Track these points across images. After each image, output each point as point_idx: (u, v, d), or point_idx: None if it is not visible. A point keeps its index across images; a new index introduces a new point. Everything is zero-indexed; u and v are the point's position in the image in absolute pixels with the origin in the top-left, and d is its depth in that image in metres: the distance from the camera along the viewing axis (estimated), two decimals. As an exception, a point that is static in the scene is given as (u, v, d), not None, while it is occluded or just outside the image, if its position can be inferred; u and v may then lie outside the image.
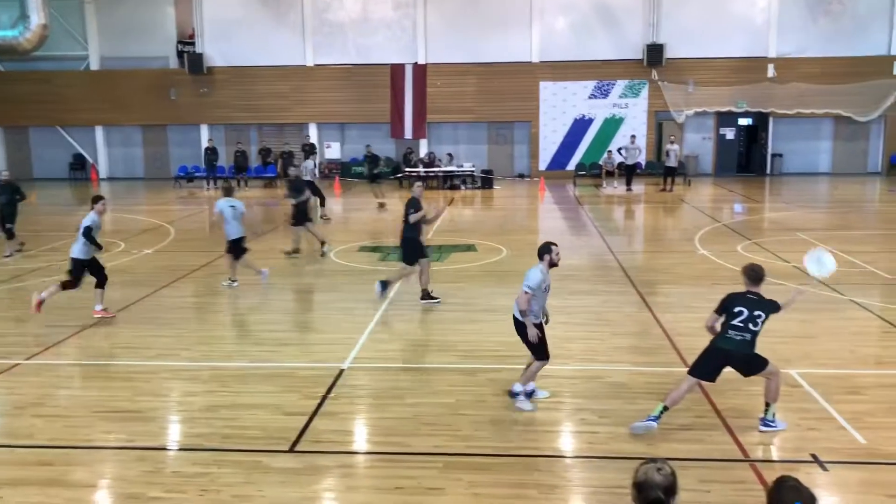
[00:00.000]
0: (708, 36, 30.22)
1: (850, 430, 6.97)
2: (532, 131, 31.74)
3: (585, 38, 30.83)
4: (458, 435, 7.05)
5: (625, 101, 31.11)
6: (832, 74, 29.66)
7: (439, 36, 31.33)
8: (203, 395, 8.15)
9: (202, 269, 14.47)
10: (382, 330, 10.43)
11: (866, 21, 29.93)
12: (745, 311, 7.07)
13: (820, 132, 31.19)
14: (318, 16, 31.64)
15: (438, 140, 32.22)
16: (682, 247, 16.19)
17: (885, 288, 12.40)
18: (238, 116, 32.44)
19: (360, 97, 31.65)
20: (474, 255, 15.62)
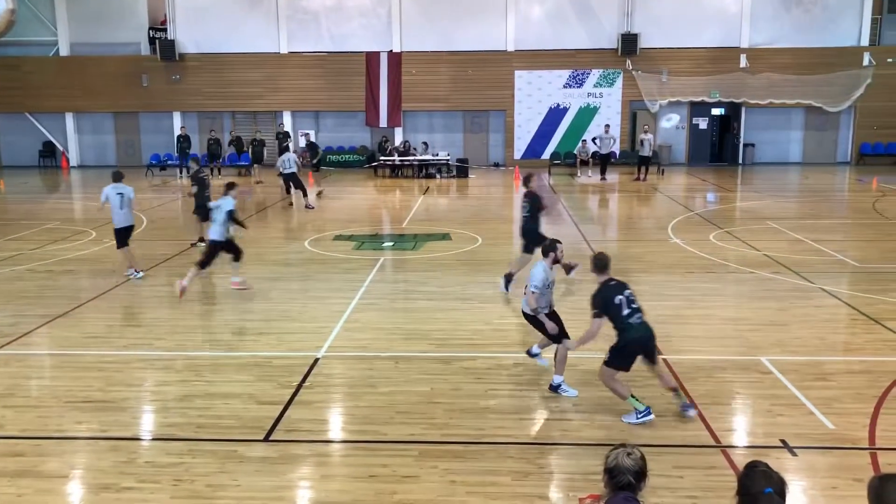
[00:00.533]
0: (681, 26, 30.39)
1: (818, 416, 7.09)
2: (507, 120, 31.76)
3: (560, 28, 30.87)
4: (433, 423, 7.08)
5: (599, 90, 31.22)
6: (803, 65, 29.99)
7: (414, 24, 31.20)
8: (177, 384, 8.09)
9: (175, 258, 14.34)
10: (357, 319, 10.42)
11: (837, 12, 30.27)
12: (622, 296, 7.18)
13: (791, 122, 31.56)
14: (291, 3, 31.34)
15: (414, 128, 32.15)
16: (655, 235, 16.33)
17: (854, 276, 12.61)
18: (211, 104, 32.09)
19: (335, 85, 31.46)
20: (449, 243, 15.63)
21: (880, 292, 11.37)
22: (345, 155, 32.00)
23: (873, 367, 8.39)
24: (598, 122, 30.93)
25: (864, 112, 30.75)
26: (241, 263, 12.09)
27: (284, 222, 19.39)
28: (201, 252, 12.57)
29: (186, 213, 17.50)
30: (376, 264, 13.68)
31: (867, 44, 30.31)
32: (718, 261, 13.64)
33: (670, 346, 9.02)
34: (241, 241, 12.35)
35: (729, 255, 14.03)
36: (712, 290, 11.85)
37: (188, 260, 14.15)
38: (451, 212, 20.83)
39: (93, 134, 33.18)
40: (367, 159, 31.24)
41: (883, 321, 9.96)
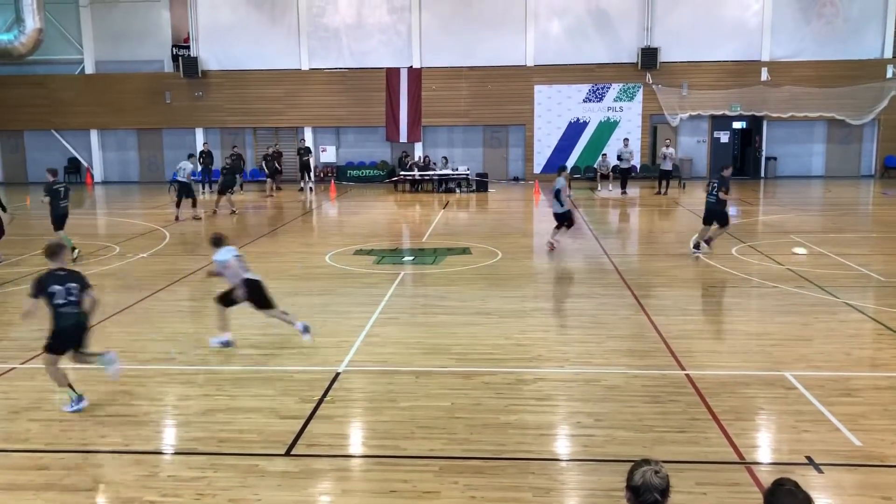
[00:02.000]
0: (701, 39, 30.35)
1: (845, 433, 6.99)
2: (526, 134, 31.79)
3: (580, 42, 30.92)
4: (454, 438, 7.05)
5: (619, 104, 31.19)
6: (826, 78, 29.80)
7: (434, 40, 31.39)
8: (199, 398, 8.14)
9: (198, 272, 14.45)
10: (377, 333, 10.43)
11: (859, 24, 30.08)
12: (62, 287, 7.69)
13: (813, 135, 31.32)
14: (312, 20, 31.67)
15: (434, 143, 32.27)
16: (676, 250, 16.23)
17: (879, 290, 12.45)
18: (233, 120, 32.45)
19: (356, 101, 31.70)
20: (469, 257, 15.63)
21: (907, 307, 11.21)
22: (365, 170, 32.19)
23: (900, 382, 8.26)
24: (617, 136, 30.91)
25: (888, 125, 30.46)
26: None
27: (305, 236, 19.50)
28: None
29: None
30: (396, 279, 13.70)
31: (891, 56, 30.07)
32: (741, 275, 13.53)
33: (693, 361, 8.95)
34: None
35: (751, 270, 13.91)
36: (735, 305, 11.74)
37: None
38: (471, 226, 20.84)
39: (117, 150, 33.64)
40: (387, 174, 31.37)
41: (910, 336, 9.81)
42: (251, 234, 19.22)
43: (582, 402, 7.91)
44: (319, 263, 15.29)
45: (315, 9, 31.66)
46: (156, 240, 18.22)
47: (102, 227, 21.79)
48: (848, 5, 30.02)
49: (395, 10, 31.50)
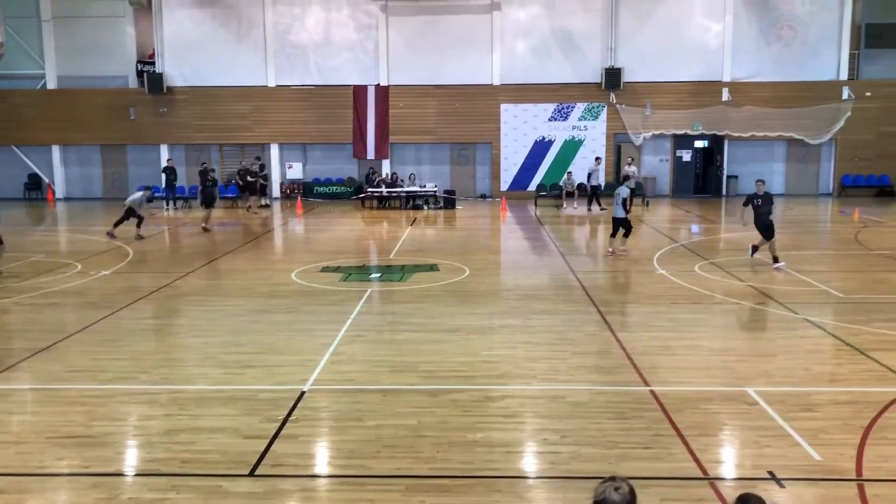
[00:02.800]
0: (664, 60, 30.89)
1: (805, 447, 7.09)
2: (493, 152, 32.00)
3: (545, 62, 31.29)
4: (420, 457, 7.03)
5: (584, 123, 31.57)
6: (784, 98, 30.49)
7: (401, 58, 31.54)
8: (161, 418, 8.01)
9: (161, 290, 14.27)
10: (344, 351, 10.37)
11: (816, 47, 30.87)
12: None
13: (773, 155, 31.96)
14: (279, 37, 31.65)
15: (401, 160, 32.33)
16: (641, 266, 16.41)
17: (838, 306, 12.70)
18: (199, 136, 32.21)
19: (323, 118, 31.69)
20: (436, 274, 15.65)
21: (864, 323, 11.45)
22: (332, 186, 32.12)
23: (859, 397, 8.42)
24: (583, 155, 31.30)
25: (844, 144, 31.22)
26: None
27: (271, 254, 19.37)
28: None
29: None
30: (363, 296, 13.65)
31: (846, 78, 30.88)
32: (704, 291, 13.71)
33: (657, 377, 9.03)
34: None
35: (714, 286, 14.11)
36: (698, 321, 11.89)
37: (175, 291, 14.10)
38: (439, 243, 20.87)
39: (79, 166, 33.16)
40: (354, 191, 31.34)
41: (867, 351, 10.01)
42: (217, 251, 19.03)
43: (548, 418, 7.93)
44: (285, 281, 15.18)
45: (282, 26, 31.64)
46: (119, 257, 17.96)
47: (64, 243, 21.42)
48: (805, 29, 30.82)
49: (363, 28, 31.61)
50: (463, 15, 31.29)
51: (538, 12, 31.23)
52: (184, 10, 31.71)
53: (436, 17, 31.35)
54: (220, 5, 31.65)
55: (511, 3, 31.12)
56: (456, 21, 31.32)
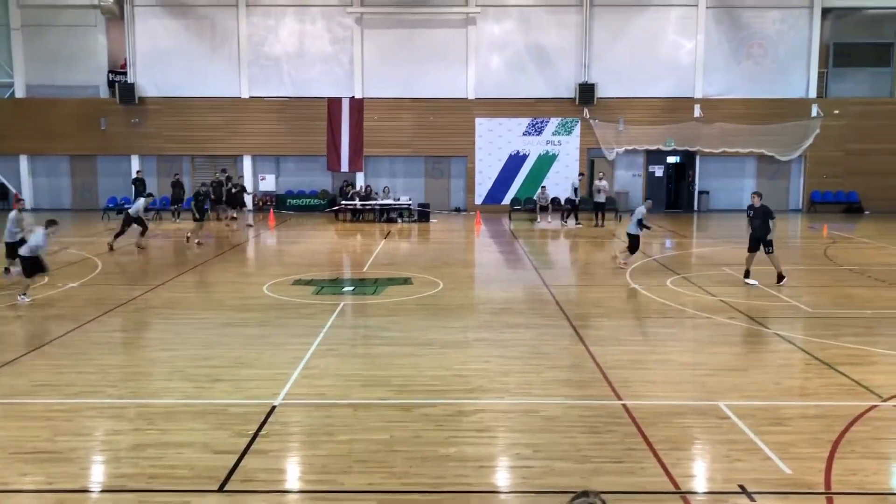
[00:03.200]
0: (637, 76, 31.23)
1: (775, 461, 7.14)
2: (468, 166, 32.08)
3: (520, 77, 31.50)
4: (393, 472, 6.97)
5: (558, 138, 31.78)
6: (755, 115, 30.95)
7: (376, 71, 31.56)
8: (129, 433, 7.87)
9: (130, 302, 14.07)
10: (315, 365, 10.28)
11: (786, 65, 31.42)
12: None
13: (744, 170, 32.39)
14: (253, 48, 31.54)
15: (375, 173, 32.29)
16: (613, 280, 16.49)
17: (807, 321, 12.84)
18: (171, 147, 31.93)
19: (297, 130, 31.58)
20: (410, 287, 15.60)
21: (833, 337, 11.59)
22: (305, 199, 31.98)
23: (828, 411, 8.50)
24: (556, 169, 31.54)
25: (813, 161, 31.73)
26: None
27: (242, 266, 19.21)
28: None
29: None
30: (336, 309, 13.56)
31: (815, 96, 31.43)
32: (676, 306, 13.80)
33: (630, 391, 9.06)
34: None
35: (686, 301, 14.22)
36: (670, 335, 11.96)
37: (144, 304, 13.91)
38: (413, 256, 20.83)
39: (48, 176, 32.68)
40: (328, 203, 31.22)
41: (836, 366, 10.13)
42: (188, 263, 18.83)
43: (521, 433, 7.91)
44: (256, 294, 15.05)
45: (256, 37, 31.54)
46: (87, 269, 17.70)
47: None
48: (775, 47, 31.35)
49: (337, 41, 31.60)
50: (438, 29, 31.42)
51: (513, 27, 31.46)
52: (157, 20, 31.49)
53: (411, 31, 31.44)
54: (194, 16, 31.48)
55: (486, 17, 31.31)
56: (431, 35, 31.44)
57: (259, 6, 31.39)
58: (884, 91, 32.25)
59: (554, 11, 31.28)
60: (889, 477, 7.10)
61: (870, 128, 31.30)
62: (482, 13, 31.10)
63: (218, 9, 31.37)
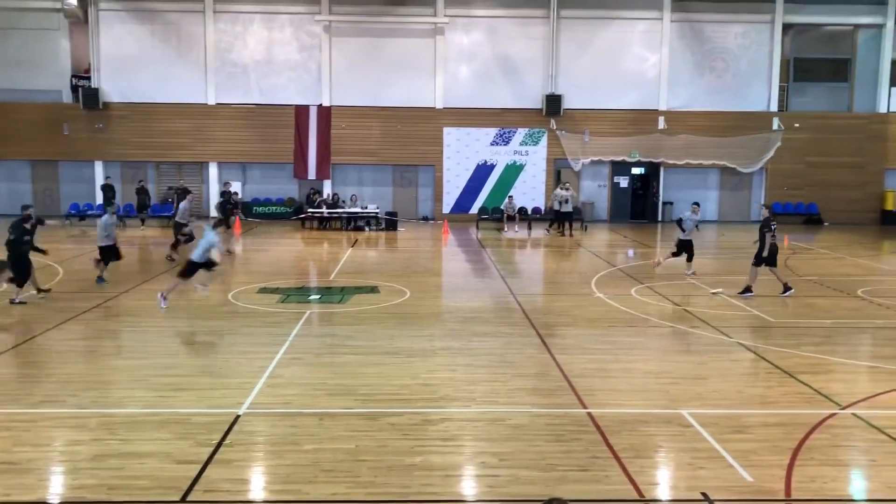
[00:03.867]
0: (603, 88, 31.61)
1: (737, 469, 7.24)
2: (436, 175, 32.15)
3: (487, 87, 31.69)
4: (358, 482, 6.94)
5: (525, 148, 32.00)
6: (718, 127, 31.48)
7: (344, 79, 31.52)
8: (89, 443, 7.74)
9: (92, 310, 13.85)
10: (281, 374, 10.21)
11: (748, 78, 32.04)
12: None
13: (707, 182, 32.88)
14: (220, 55, 31.31)
15: (343, 181, 32.20)
16: (579, 290, 16.62)
17: (769, 330, 13.06)
18: (135, 154, 31.53)
19: (263, 137, 31.40)
20: (377, 296, 15.57)
21: (793, 346, 11.80)
22: (272, 206, 31.77)
23: (788, 419, 8.65)
24: (523, 179, 31.76)
25: (774, 173, 32.33)
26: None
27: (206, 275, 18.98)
28: None
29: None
30: (302, 318, 13.48)
31: (776, 109, 32.07)
32: (640, 315, 13.95)
33: (595, 400, 9.13)
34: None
35: (650, 310, 14.37)
36: (634, 344, 12.08)
37: (107, 312, 13.70)
38: (380, 265, 20.79)
39: (7, 182, 32.06)
40: (294, 211, 31.04)
41: (796, 374, 10.31)
42: (151, 271, 18.59)
43: (487, 441, 7.93)
44: (221, 302, 14.90)
45: (223, 44, 31.32)
46: (48, 276, 17.38)
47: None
48: (737, 61, 31.96)
49: (305, 49, 31.51)
50: (406, 38, 31.50)
51: (481, 38, 31.65)
52: (122, 25, 31.13)
53: (379, 40, 31.47)
54: (160, 21, 31.18)
55: (454, 28, 31.46)
56: (399, 44, 31.50)
57: (226, 13, 31.20)
58: (842, 105, 33.03)
59: (521, 23, 31.55)
60: (847, 483, 7.24)
61: (829, 141, 32.02)
62: (450, 23, 31.24)
63: (184, 14, 31.12)
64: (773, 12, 31.60)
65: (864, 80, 32.71)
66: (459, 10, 31.30)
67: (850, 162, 32.22)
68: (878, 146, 32.33)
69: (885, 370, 10.67)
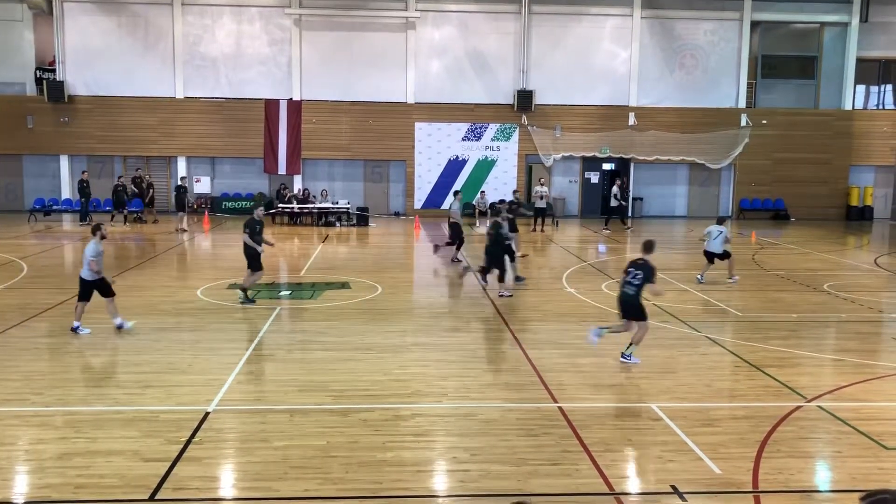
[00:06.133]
0: (574, 84, 31.75)
1: (706, 461, 7.32)
2: (407, 170, 32.07)
3: (459, 82, 31.67)
4: (329, 478, 6.90)
5: (497, 143, 32.04)
6: (687, 124, 31.77)
7: (315, 73, 31.31)
8: (55, 442, 7.61)
9: (57, 307, 13.62)
10: (251, 371, 10.12)
11: (716, 76, 32.36)
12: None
13: (676, 178, 33.20)
14: (189, 48, 30.92)
15: (314, 176, 31.99)
16: (550, 285, 16.69)
17: (737, 324, 13.22)
18: (102, 148, 31.04)
19: (233, 131, 31.08)
20: (348, 292, 15.50)
21: (761, 340, 11.96)
22: (242, 202, 31.45)
23: (755, 412, 8.76)
24: (495, 175, 31.79)
25: (742, 169, 32.71)
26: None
27: (176, 270, 18.79)
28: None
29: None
30: (272, 314, 13.38)
31: (744, 106, 32.42)
32: (610, 310, 14.02)
33: (565, 394, 9.17)
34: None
35: (621, 305, 14.44)
36: (605, 339, 12.13)
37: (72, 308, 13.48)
38: (351, 260, 20.71)
39: (-31, 176, 31.42)
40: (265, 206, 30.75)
41: (763, 368, 10.45)
42: (118, 267, 18.32)
43: (458, 436, 7.94)
44: (190, 298, 14.74)
45: (191, 37, 30.93)
46: (11, 272, 17.07)
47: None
48: (706, 58, 32.26)
49: (275, 42, 31.23)
50: (378, 32, 31.35)
51: (452, 33, 31.61)
52: (88, 17, 30.61)
53: (350, 34, 31.29)
54: (127, 13, 30.71)
55: (426, 22, 31.38)
56: (371, 38, 31.34)
57: (195, 5, 30.81)
58: (809, 102, 33.49)
59: (493, 18, 31.56)
60: (812, 475, 7.35)
61: (796, 138, 32.47)
62: (422, 18, 31.16)
63: (152, 6, 30.68)
64: (742, 10, 31.95)
65: (830, 77, 33.22)
66: (431, 5, 31.23)
67: (816, 158, 32.72)
68: (844, 143, 32.85)
69: (849, 363, 10.85)
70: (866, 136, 32.91)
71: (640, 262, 10.62)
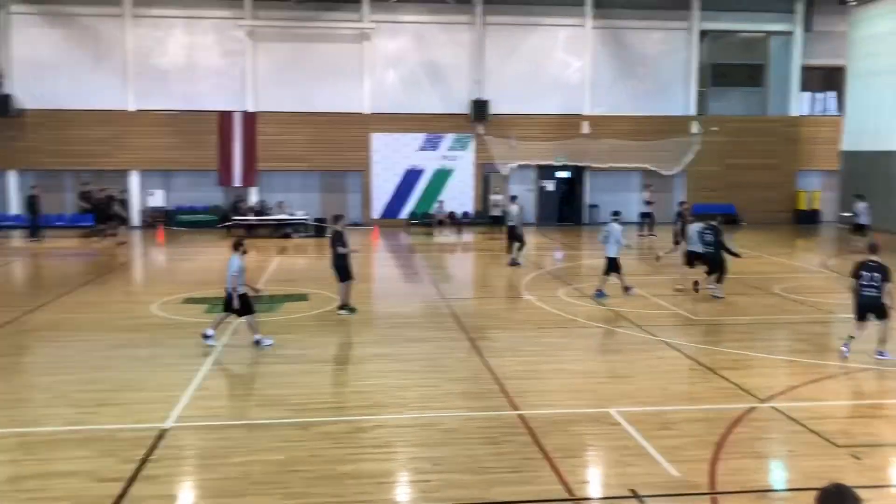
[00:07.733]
0: (529, 94, 32.01)
1: (664, 464, 7.43)
2: (364, 181, 32.00)
3: (415, 92, 31.72)
4: (290, 493, 6.85)
5: (453, 153, 32.15)
6: (640, 131, 32.23)
7: (269, 85, 31.08)
8: (6, 465, 7.42)
9: (7, 325, 13.28)
10: (208, 386, 9.99)
11: (668, 84, 32.95)
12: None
13: (630, 184, 33.64)
14: (140, 60, 30.45)
15: (270, 188, 31.68)
16: (508, 293, 16.79)
17: (690, 328, 13.45)
18: (52, 162, 30.33)
19: (187, 143, 30.64)
20: (307, 304, 15.40)
21: (714, 343, 12.19)
22: (197, 214, 31.03)
23: (711, 414, 8.92)
24: (451, 185, 31.90)
25: (694, 175, 33.28)
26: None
27: (129, 285, 18.47)
28: None
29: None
30: (230, 328, 13.22)
31: (695, 113, 33.04)
32: (568, 316, 14.17)
33: (525, 401, 9.23)
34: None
35: (577, 311, 14.62)
36: (563, 345, 12.27)
37: (23, 326, 13.16)
38: (309, 272, 20.57)
39: (-88, 192, 30.50)
40: (220, 219, 30.40)
41: (718, 370, 10.64)
42: (69, 283, 17.94)
43: (420, 447, 7.94)
44: (144, 313, 14.49)
45: (143, 49, 30.48)
46: (-42, 291, 16.61)
47: None
48: (657, 67, 32.84)
49: (229, 54, 30.95)
50: (333, 44, 31.26)
51: (407, 44, 31.68)
52: (36, 29, 29.98)
53: (305, 45, 31.16)
54: (76, 26, 30.16)
55: (380, 33, 31.40)
56: (326, 49, 31.24)
57: (146, 17, 30.39)
58: (757, 109, 34.28)
59: (447, 29, 31.72)
60: (768, 474, 7.51)
61: (745, 144, 33.16)
62: (376, 29, 31.17)
63: (102, 19, 30.17)
64: (690, 19, 32.60)
65: (777, 84, 34.04)
66: (385, 16, 31.26)
67: (765, 164, 33.45)
68: (791, 148, 33.67)
69: (801, 364, 11.11)
70: (812, 142, 33.76)
71: (874, 265, 10.94)
